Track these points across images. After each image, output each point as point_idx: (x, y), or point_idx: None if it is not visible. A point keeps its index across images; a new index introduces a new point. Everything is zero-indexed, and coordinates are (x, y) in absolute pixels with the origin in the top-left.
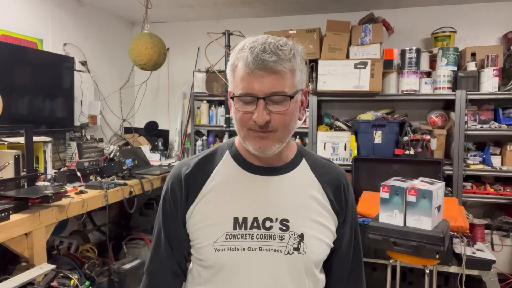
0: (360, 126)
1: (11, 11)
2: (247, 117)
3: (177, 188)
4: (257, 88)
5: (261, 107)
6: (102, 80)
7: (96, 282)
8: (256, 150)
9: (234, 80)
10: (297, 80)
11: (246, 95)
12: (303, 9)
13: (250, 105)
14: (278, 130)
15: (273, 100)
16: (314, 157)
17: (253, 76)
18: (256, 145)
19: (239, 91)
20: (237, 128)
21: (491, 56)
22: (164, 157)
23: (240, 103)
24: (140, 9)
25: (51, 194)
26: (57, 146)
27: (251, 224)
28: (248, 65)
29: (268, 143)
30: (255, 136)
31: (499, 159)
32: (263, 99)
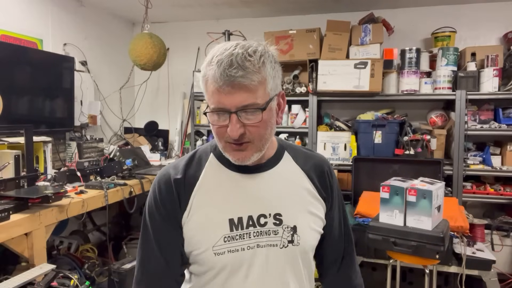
0: (360, 126)
1: (11, 11)
2: (223, 131)
3: (168, 192)
4: (228, 103)
5: (234, 120)
6: (102, 80)
7: (96, 282)
8: (235, 162)
9: (206, 93)
10: (270, 88)
11: (217, 110)
12: (303, 9)
13: (223, 118)
14: (254, 141)
15: (245, 111)
16: (295, 148)
17: (222, 92)
18: (235, 157)
19: (212, 105)
20: (216, 140)
21: (491, 56)
22: (164, 157)
23: (215, 117)
24: (140, 9)
25: (51, 194)
26: (57, 146)
27: (247, 223)
28: (216, 81)
29: (246, 154)
30: (233, 148)
31: (499, 159)
32: (235, 113)
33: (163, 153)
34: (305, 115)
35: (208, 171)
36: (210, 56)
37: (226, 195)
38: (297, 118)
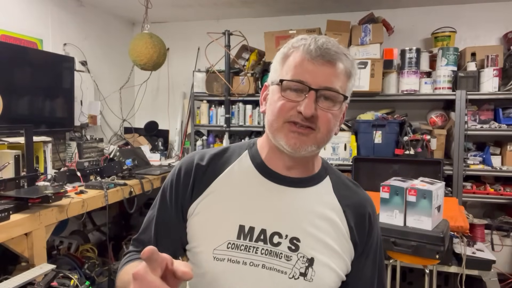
0: (360, 126)
1: (11, 11)
2: (289, 107)
3: (186, 176)
4: (312, 77)
5: (312, 97)
6: (102, 80)
7: (96, 282)
8: (289, 147)
9: (282, 68)
10: (349, 88)
11: (298, 82)
12: (303, 9)
13: (297, 94)
14: (320, 130)
15: (324, 95)
16: (339, 176)
17: (312, 64)
18: (291, 141)
19: (291, 76)
20: (271, 119)
21: (491, 56)
22: (164, 157)
23: (287, 90)
24: (140, 9)
25: (51, 194)
26: (57, 146)
27: (257, 236)
28: (309, 52)
29: (305, 141)
30: (292, 130)
31: (499, 159)
32: (316, 90)
33: (163, 153)
34: None
35: (235, 168)
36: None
37: (245, 198)
38: None
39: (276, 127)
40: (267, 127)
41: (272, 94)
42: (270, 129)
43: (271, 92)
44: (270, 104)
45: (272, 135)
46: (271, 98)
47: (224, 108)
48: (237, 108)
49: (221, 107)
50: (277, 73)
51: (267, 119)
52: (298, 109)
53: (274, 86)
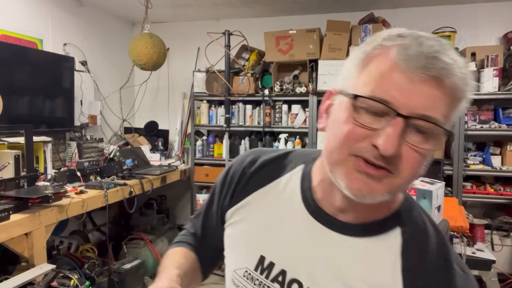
0: None
1: (11, 11)
2: (360, 135)
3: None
4: (404, 98)
5: (397, 128)
6: (102, 80)
7: (96, 282)
8: (350, 192)
9: (360, 74)
10: (454, 117)
11: (381, 102)
12: (303, 9)
13: (376, 118)
14: (400, 175)
15: (417, 127)
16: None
17: (407, 77)
18: (355, 185)
19: (370, 92)
20: (331, 146)
21: (491, 56)
22: (164, 157)
23: (361, 111)
24: (140, 9)
25: (51, 194)
26: (57, 146)
27: (275, 276)
28: (407, 58)
29: (375, 188)
30: (359, 169)
31: (499, 159)
32: (406, 118)
33: (163, 153)
34: (305, 115)
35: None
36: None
37: (277, 226)
38: (297, 118)
39: (336, 159)
40: (325, 155)
41: (338, 109)
42: (328, 159)
43: (337, 104)
44: (334, 123)
45: (330, 167)
46: (336, 114)
47: (224, 108)
48: (237, 108)
49: (221, 107)
50: (351, 80)
51: (326, 143)
52: (373, 142)
53: (343, 98)
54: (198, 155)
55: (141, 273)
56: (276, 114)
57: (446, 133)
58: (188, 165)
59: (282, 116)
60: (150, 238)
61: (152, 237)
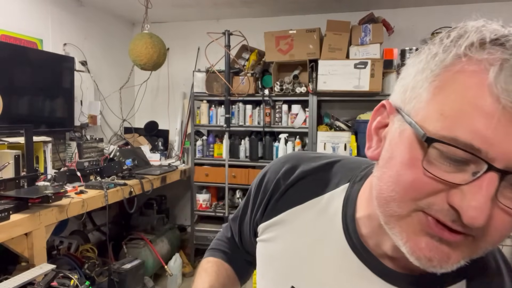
0: (360, 126)
1: (11, 11)
2: (432, 188)
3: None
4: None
5: (491, 189)
6: (102, 80)
7: (96, 282)
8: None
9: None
10: None
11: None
12: (303, 9)
13: (456, 167)
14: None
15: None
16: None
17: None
18: (424, 253)
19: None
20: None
21: None
22: (164, 157)
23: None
24: (140, 9)
25: (51, 194)
26: (57, 146)
27: None
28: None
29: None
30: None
31: None
32: (503, 173)
33: (163, 153)
34: (305, 115)
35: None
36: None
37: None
38: (297, 118)
39: (395, 212)
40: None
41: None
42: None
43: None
44: (392, 159)
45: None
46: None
47: (224, 108)
48: (237, 108)
49: (221, 107)
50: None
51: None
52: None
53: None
54: (198, 155)
55: (141, 273)
56: (276, 114)
57: None
58: (188, 165)
59: (282, 116)
60: (150, 238)
61: (152, 237)
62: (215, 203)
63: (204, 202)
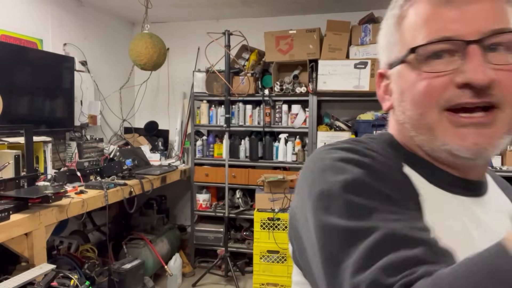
0: (360, 126)
1: (11, 11)
2: (442, 84)
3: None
4: (464, 25)
5: (477, 55)
6: (102, 80)
7: (96, 282)
8: (467, 150)
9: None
10: None
11: (444, 40)
12: (303, 9)
13: (448, 60)
14: (506, 105)
15: (496, 44)
16: None
17: (451, 7)
18: (469, 140)
19: (425, 38)
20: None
21: None
22: (164, 157)
23: (428, 61)
24: (140, 9)
25: (51, 194)
26: (57, 146)
27: None
28: None
29: (493, 135)
30: (463, 124)
31: (499, 159)
32: (478, 42)
33: (163, 153)
34: (305, 115)
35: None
36: None
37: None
38: (297, 118)
39: (430, 123)
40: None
41: (399, 80)
42: (420, 130)
43: (396, 78)
44: (403, 93)
45: (427, 139)
46: (401, 85)
47: (224, 108)
48: (237, 108)
49: (221, 107)
50: (396, 46)
51: (407, 115)
52: (460, 81)
53: (399, 67)
54: (198, 155)
55: (141, 273)
56: (276, 114)
57: None
58: (188, 165)
59: (282, 116)
60: (150, 238)
61: (152, 237)
62: (215, 203)
63: (204, 202)
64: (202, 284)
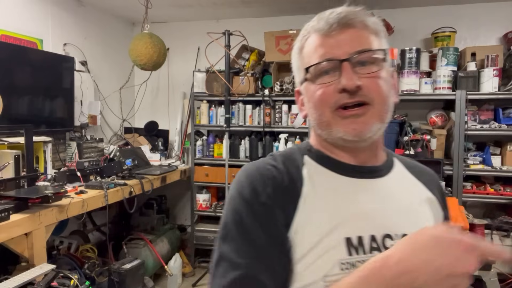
0: None
1: (11, 11)
2: (330, 91)
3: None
4: (337, 49)
5: (348, 68)
6: (102, 80)
7: (96, 282)
8: (350, 135)
9: (303, 61)
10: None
11: (325, 61)
12: (303, 9)
13: (332, 74)
14: (374, 102)
15: (360, 61)
16: (403, 157)
17: (330, 38)
18: (350, 126)
19: (314, 61)
20: (317, 114)
21: (491, 56)
22: (164, 157)
23: (319, 77)
24: (140, 9)
25: (51, 194)
26: (57, 146)
27: (370, 246)
28: (321, 30)
29: (365, 121)
30: (345, 116)
31: (499, 159)
32: (348, 60)
33: (163, 153)
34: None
35: (310, 176)
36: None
37: (338, 207)
38: (297, 118)
39: (326, 120)
40: (318, 126)
41: (307, 93)
42: (322, 126)
43: (304, 92)
44: (309, 101)
45: (327, 131)
46: (307, 96)
47: (224, 108)
48: (237, 108)
49: (221, 107)
50: (301, 69)
51: (314, 118)
52: (339, 87)
53: (304, 84)
54: (198, 155)
55: (141, 273)
56: (276, 114)
57: (383, 53)
58: (188, 165)
59: (282, 116)
60: (150, 238)
61: (152, 237)
62: (215, 203)
63: (204, 202)
64: (202, 284)
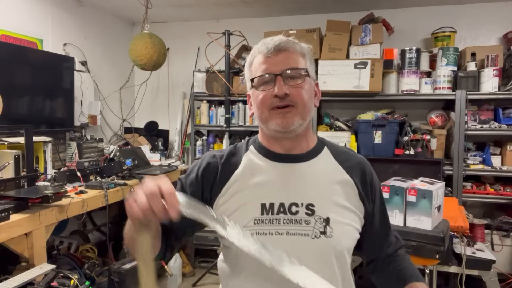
0: (360, 126)
1: (11, 11)
2: (268, 96)
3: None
4: (274, 66)
5: (279, 80)
6: (102, 80)
7: (96, 282)
8: (279, 126)
9: (251, 73)
10: (308, 66)
11: (265, 74)
12: (303, 9)
13: (269, 84)
14: (297, 105)
15: (289, 76)
16: (336, 146)
17: (269, 58)
18: (279, 121)
19: (257, 74)
20: (259, 112)
21: (491, 56)
22: (164, 157)
23: (261, 85)
24: (140, 9)
25: (51, 194)
26: (57, 146)
27: (278, 210)
28: (264, 51)
29: (290, 117)
30: (277, 113)
31: (499, 159)
32: (280, 75)
33: (163, 153)
34: None
35: (246, 160)
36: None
37: (261, 182)
38: None
39: (264, 117)
40: (259, 121)
41: (253, 96)
42: (262, 121)
43: (252, 96)
44: (254, 103)
45: (265, 125)
46: (253, 99)
47: (224, 108)
48: (237, 108)
49: (221, 107)
50: (249, 79)
51: (257, 115)
52: (273, 93)
53: (252, 90)
54: (198, 155)
55: None
56: None
57: (305, 71)
58: (188, 165)
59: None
60: None
61: None
62: None
63: None
64: (202, 284)
